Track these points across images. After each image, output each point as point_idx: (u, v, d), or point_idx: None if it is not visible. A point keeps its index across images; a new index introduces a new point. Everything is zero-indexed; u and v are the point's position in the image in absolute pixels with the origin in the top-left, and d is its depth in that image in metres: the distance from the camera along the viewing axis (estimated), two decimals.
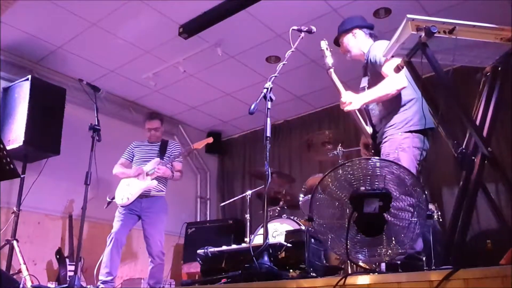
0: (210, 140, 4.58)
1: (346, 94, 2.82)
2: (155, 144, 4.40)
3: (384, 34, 2.99)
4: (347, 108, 2.81)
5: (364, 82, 2.97)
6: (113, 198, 4.25)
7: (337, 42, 3.14)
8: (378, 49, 2.75)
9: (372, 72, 2.88)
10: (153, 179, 4.15)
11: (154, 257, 4.02)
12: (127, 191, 4.14)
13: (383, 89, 2.70)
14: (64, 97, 4.52)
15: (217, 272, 2.74)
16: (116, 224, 4.04)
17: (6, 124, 4.28)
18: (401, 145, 2.66)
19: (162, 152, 4.34)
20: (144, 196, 4.12)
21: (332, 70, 2.92)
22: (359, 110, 2.90)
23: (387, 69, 2.65)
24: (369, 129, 2.97)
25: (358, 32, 3.04)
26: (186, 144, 6.67)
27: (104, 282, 3.82)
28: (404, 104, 2.74)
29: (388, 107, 2.80)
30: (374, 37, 3.03)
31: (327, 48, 2.95)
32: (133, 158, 4.37)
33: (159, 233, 4.10)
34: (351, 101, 2.78)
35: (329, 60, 2.92)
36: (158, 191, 4.20)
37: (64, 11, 4.12)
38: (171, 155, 4.33)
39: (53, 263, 4.70)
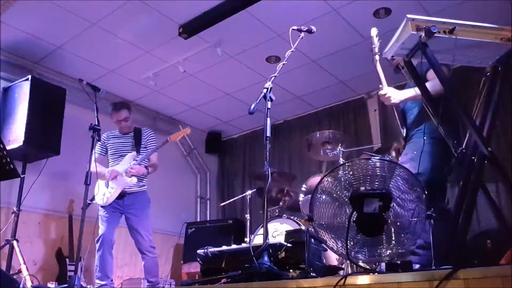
0: (188, 131, 4.25)
1: (387, 88, 2.82)
2: (128, 135, 4.21)
3: (384, 34, 2.99)
4: (386, 101, 2.81)
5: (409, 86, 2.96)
6: (93, 199, 4.11)
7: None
8: None
9: (414, 75, 2.86)
10: (132, 175, 4.01)
11: (144, 253, 3.94)
12: (107, 190, 4.01)
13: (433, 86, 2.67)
14: (64, 97, 4.51)
15: (217, 272, 2.74)
16: (102, 226, 3.93)
17: (6, 124, 4.28)
18: (422, 148, 2.66)
19: (137, 143, 4.15)
20: (127, 193, 4.01)
21: (377, 58, 2.91)
22: (397, 110, 2.91)
23: (431, 73, 2.62)
24: (403, 131, 2.98)
25: None
26: (186, 144, 6.70)
27: (102, 286, 3.79)
28: (438, 112, 2.74)
29: (423, 113, 2.79)
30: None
31: (376, 35, 2.95)
32: (107, 151, 4.21)
33: (145, 229, 3.99)
34: (391, 95, 2.78)
35: (376, 48, 2.92)
36: (140, 187, 4.08)
37: (64, 11, 4.12)
38: (147, 145, 4.16)
39: (53, 263, 4.70)
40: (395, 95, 2.79)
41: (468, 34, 2.04)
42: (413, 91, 2.76)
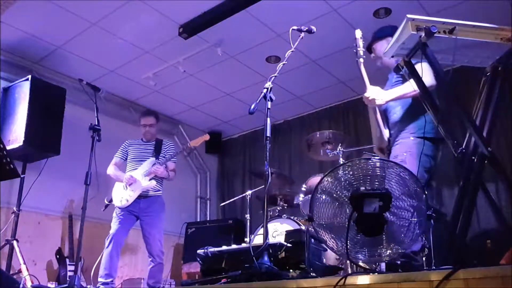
0: (207, 137, 4.48)
1: (371, 89, 2.80)
2: (149, 143, 4.36)
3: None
4: (370, 103, 2.80)
5: (388, 86, 2.97)
6: (111, 200, 4.23)
7: (369, 48, 3.12)
8: None
9: (402, 76, 2.86)
10: (151, 179, 4.14)
11: (154, 257, 4.01)
12: (125, 192, 4.13)
13: (409, 86, 2.67)
14: (64, 97, 4.51)
15: (217, 272, 2.75)
16: (115, 226, 4.02)
17: (6, 124, 4.28)
18: (411, 149, 2.67)
19: (157, 152, 4.30)
20: (142, 196, 4.11)
21: (361, 61, 2.91)
22: (379, 110, 2.90)
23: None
24: (386, 132, 2.97)
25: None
26: (186, 144, 6.69)
27: (104, 284, 3.81)
28: (422, 112, 2.73)
29: (407, 112, 2.80)
30: None
31: (361, 38, 2.95)
32: (127, 157, 4.33)
33: (159, 233, 4.10)
34: (375, 97, 2.77)
35: (361, 51, 2.92)
36: (156, 191, 4.19)
37: (64, 11, 4.12)
38: (166, 155, 4.29)
39: (53, 263, 4.70)
40: (380, 96, 2.77)
41: (468, 34, 2.04)
42: (398, 90, 2.75)
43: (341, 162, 4.03)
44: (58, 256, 4.67)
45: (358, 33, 2.98)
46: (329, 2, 4.06)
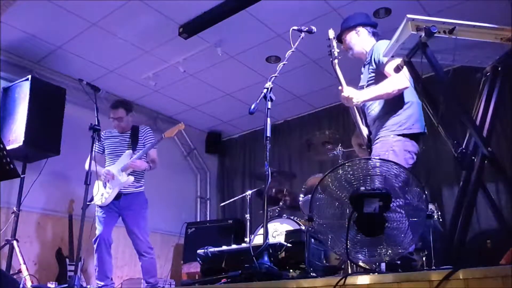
0: (182, 126, 4.23)
1: (347, 89, 2.80)
2: (125, 134, 4.14)
3: (384, 34, 2.99)
4: (348, 103, 2.79)
5: (364, 80, 2.96)
6: (91, 199, 4.04)
7: (339, 39, 3.09)
8: (381, 49, 2.72)
9: (375, 71, 2.87)
10: (129, 174, 3.96)
11: (142, 254, 3.91)
12: (104, 190, 3.97)
13: (385, 88, 2.68)
14: (64, 97, 4.51)
15: (217, 272, 2.74)
16: (99, 226, 3.90)
17: (6, 124, 4.28)
18: (392, 147, 2.64)
19: (134, 141, 4.08)
20: (122, 194, 3.95)
21: (336, 61, 2.91)
22: (357, 108, 2.90)
23: (390, 69, 2.63)
24: (365, 129, 2.97)
25: (361, 30, 3.01)
26: (186, 144, 6.70)
27: (104, 286, 3.78)
28: (401, 107, 2.72)
29: (385, 108, 2.78)
30: (377, 36, 3.02)
31: (334, 38, 2.94)
32: (104, 149, 4.14)
33: (143, 230, 3.95)
34: (352, 96, 2.76)
35: (335, 51, 2.91)
36: (136, 187, 4.02)
37: (64, 11, 4.12)
38: (144, 143, 4.10)
39: (53, 263, 4.70)
40: (357, 96, 2.76)
41: (468, 34, 2.04)
42: (373, 91, 2.74)
43: (341, 162, 4.03)
44: (58, 256, 4.67)
45: (331, 33, 2.94)
46: (329, 2, 4.06)
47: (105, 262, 3.83)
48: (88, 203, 3.91)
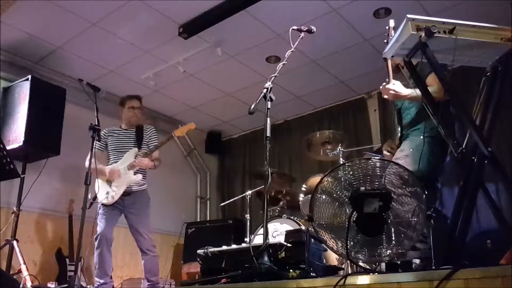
0: (193, 126, 4.15)
1: (393, 82, 2.74)
2: (130, 131, 4.09)
3: (384, 34, 2.98)
4: (388, 94, 2.77)
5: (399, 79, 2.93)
6: (95, 198, 3.98)
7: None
8: None
9: (414, 75, 2.83)
10: (136, 172, 3.93)
11: (145, 251, 3.89)
12: (110, 188, 3.92)
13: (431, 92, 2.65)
14: (64, 97, 4.51)
15: (217, 272, 2.74)
16: (101, 223, 3.86)
17: (6, 124, 4.28)
18: (418, 147, 2.65)
19: (139, 139, 4.04)
20: (126, 192, 3.91)
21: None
22: (395, 109, 2.94)
23: (432, 79, 2.61)
24: (398, 130, 2.97)
25: None
26: (186, 144, 6.70)
27: (103, 284, 3.78)
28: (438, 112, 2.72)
29: (421, 112, 2.79)
30: None
31: (394, 28, 2.89)
32: (106, 147, 4.07)
33: (146, 227, 3.93)
34: (396, 88, 2.71)
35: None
36: (139, 186, 3.98)
37: (64, 11, 4.12)
38: (149, 143, 4.08)
39: (53, 263, 4.70)
40: (400, 90, 2.73)
41: (468, 34, 2.04)
42: (416, 93, 2.74)
43: (341, 162, 4.03)
44: (58, 256, 4.67)
45: (392, 23, 2.81)
46: (329, 2, 4.06)
47: (105, 260, 3.82)
48: (91, 201, 3.90)
